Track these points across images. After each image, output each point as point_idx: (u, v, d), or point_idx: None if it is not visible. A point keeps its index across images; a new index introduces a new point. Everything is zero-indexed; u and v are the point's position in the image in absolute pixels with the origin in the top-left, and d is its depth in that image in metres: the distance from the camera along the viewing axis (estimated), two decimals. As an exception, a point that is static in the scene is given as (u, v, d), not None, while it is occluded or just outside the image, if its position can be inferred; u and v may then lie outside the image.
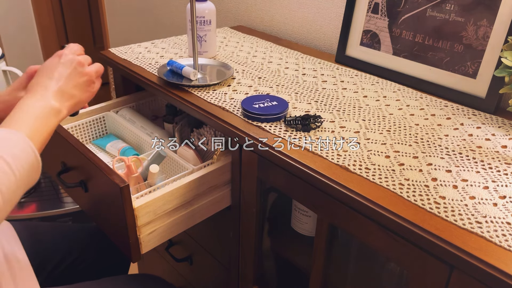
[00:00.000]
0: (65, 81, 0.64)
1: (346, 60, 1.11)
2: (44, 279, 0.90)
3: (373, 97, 0.92)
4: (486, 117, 0.85)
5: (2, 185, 0.49)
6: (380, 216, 0.59)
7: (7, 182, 0.50)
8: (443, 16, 0.93)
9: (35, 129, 0.56)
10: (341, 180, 0.64)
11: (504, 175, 0.66)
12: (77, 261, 0.96)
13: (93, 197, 0.84)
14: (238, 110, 0.85)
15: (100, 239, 1.01)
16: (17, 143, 0.53)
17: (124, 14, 2.18)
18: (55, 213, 1.69)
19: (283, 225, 0.97)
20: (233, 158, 0.85)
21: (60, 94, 0.62)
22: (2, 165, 0.49)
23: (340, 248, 0.90)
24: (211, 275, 1.12)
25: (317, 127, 0.78)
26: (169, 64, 0.99)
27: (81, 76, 0.66)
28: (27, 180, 0.53)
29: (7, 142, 0.52)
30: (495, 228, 0.55)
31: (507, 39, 0.81)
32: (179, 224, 0.84)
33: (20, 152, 0.52)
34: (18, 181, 0.51)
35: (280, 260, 1.03)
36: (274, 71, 1.04)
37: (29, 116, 0.57)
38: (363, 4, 1.06)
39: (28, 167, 0.53)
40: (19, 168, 0.51)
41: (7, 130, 0.53)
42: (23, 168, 0.52)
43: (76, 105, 0.65)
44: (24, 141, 0.53)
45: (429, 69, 0.97)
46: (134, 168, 0.87)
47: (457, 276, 0.53)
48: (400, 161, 0.69)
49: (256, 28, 1.45)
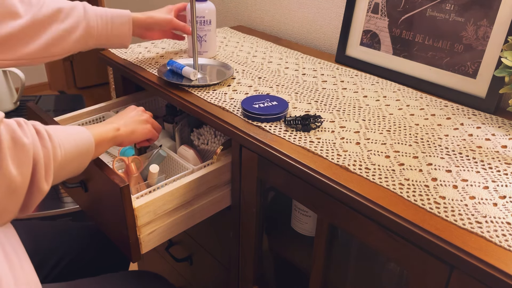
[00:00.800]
0: (129, 117, 0.85)
1: (346, 60, 1.11)
2: (44, 277, 0.90)
3: (373, 97, 0.92)
4: (486, 117, 0.85)
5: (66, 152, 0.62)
6: (380, 216, 0.59)
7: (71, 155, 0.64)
8: (443, 16, 0.93)
9: (98, 132, 0.74)
10: (341, 180, 0.64)
11: (504, 175, 0.66)
12: (77, 259, 0.96)
13: (93, 197, 0.84)
14: (238, 110, 0.85)
15: (100, 238, 1.01)
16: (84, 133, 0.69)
17: (124, 14, 2.18)
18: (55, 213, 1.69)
19: (283, 225, 0.97)
20: (233, 158, 0.85)
21: (123, 124, 0.83)
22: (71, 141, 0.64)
23: (340, 248, 0.90)
24: (211, 275, 1.12)
25: (317, 127, 0.78)
26: (169, 64, 0.99)
27: (141, 116, 0.87)
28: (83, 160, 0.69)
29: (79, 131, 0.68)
30: (495, 228, 0.55)
31: (507, 39, 0.81)
32: (179, 224, 0.84)
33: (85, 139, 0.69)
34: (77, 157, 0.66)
35: (280, 260, 1.03)
36: (274, 71, 1.04)
37: (94, 126, 0.77)
38: (363, 4, 1.06)
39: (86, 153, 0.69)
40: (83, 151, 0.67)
41: (80, 126, 0.71)
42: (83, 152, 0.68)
43: (132, 133, 0.83)
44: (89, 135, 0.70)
45: (429, 69, 0.97)
46: (134, 168, 0.87)
47: (457, 276, 0.53)
48: (400, 161, 0.69)
49: (256, 28, 1.45)
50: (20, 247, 0.72)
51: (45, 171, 0.57)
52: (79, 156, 0.66)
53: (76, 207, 1.71)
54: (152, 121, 0.89)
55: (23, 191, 0.55)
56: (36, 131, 0.57)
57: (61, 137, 0.61)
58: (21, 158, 0.53)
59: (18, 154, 0.53)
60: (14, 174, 0.52)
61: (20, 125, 0.55)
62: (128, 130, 0.82)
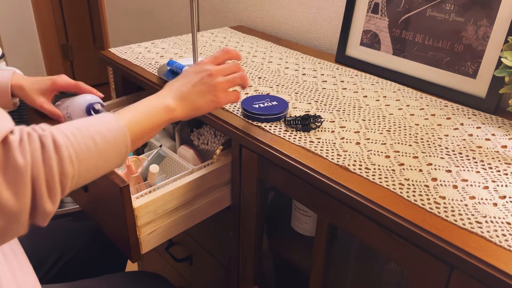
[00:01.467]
0: (189, 87, 0.69)
1: (346, 60, 1.11)
2: (43, 277, 0.90)
3: (373, 97, 0.92)
4: (486, 117, 0.85)
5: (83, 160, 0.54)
6: (380, 216, 0.59)
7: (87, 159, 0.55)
8: (443, 16, 0.93)
9: (138, 120, 0.62)
10: (341, 180, 0.64)
11: (504, 175, 0.66)
12: (76, 259, 0.96)
13: (93, 197, 0.84)
14: (238, 110, 0.85)
15: (100, 238, 1.01)
16: (115, 133, 0.58)
17: (124, 14, 2.18)
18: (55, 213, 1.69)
19: (283, 225, 0.97)
20: (233, 158, 0.85)
21: (180, 97, 0.68)
22: (90, 144, 0.55)
23: (340, 248, 0.90)
24: (211, 275, 1.12)
25: (317, 127, 0.78)
26: (169, 64, 0.99)
27: (206, 86, 0.69)
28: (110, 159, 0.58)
29: (105, 125, 0.57)
30: (495, 228, 0.55)
31: (507, 39, 0.81)
32: (179, 224, 0.84)
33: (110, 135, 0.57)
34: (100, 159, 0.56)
35: (280, 260, 1.03)
36: (274, 71, 1.04)
37: (138, 109, 0.63)
38: (363, 4, 1.06)
39: (113, 150, 0.58)
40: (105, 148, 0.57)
41: (112, 115, 0.60)
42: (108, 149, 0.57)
43: (194, 110, 0.69)
44: (118, 126, 0.59)
45: (429, 69, 0.97)
46: (134, 168, 0.87)
47: (457, 276, 0.53)
48: (400, 161, 0.69)
49: (256, 28, 1.45)
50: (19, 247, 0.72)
51: (48, 190, 0.51)
52: (106, 161, 0.58)
53: (76, 207, 1.71)
54: (217, 83, 0.70)
55: (23, 214, 0.50)
56: (41, 144, 0.51)
57: (76, 144, 0.53)
58: (15, 180, 0.48)
59: (11, 177, 0.48)
60: (8, 198, 0.48)
61: (21, 140, 0.50)
62: (188, 108, 0.68)
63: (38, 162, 0.50)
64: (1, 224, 0.49)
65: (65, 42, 3.11)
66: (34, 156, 0.50)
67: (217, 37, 1.30)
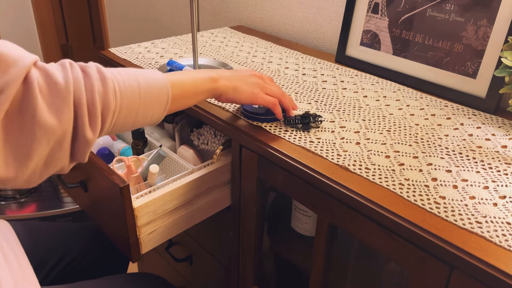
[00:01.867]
0: (235, 74, 0.74)
1: (346, 60, 1.11)
2: (43, 278, 0.90)
3: (373, 97, 0.92)
4: (486, 117, 0.85)
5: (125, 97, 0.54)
6: (380, 216, 0.59)
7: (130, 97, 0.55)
8: (443, 16, 0.93)
9: (182, 83, 0.64)
10: (341, 180, 0.64)
11: (504, 175, 0.66)
12: (76, 260, 0.96)
13: (93, 197, 0.84)
14: (238, 110, 0.85)
15: (100, 238, 1.01)
16: (158, 82, 0.60)
17: (124, 14, 2.18)
18: (55, 213, 1.69)
19: (283, 225, 0.97)
20: (233, 158, 0.85)
21: (224, 76, 0.71)
22: (133, 84, 0.56)
23: (340, 248, 0.90)
24: (211, 275, 1.12)
25: (317, 126, 0.78)
26: (169, 64, 0.99)
27: (253, 79, 0.74)
28: (150, 105, 0.59)
29: (150, 74, 0.59)
30: (495, 228, 0.55)
31: (507, 39, 0.81)
32: (179, 224, 0.84)
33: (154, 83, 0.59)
34: (141, 102, 0.57)
35: (280, 260, 1.03)
36: (274, 71, 1.04)
37: (183, 73, 0.67)
38: (363, 4, 1.06)
39: (156, 97, 0.59)
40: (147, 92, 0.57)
41: (158, 72, 0.61)
42: (151, 93, 0.58)
43: (235, 90, 0.72)
44: (165, 82, 0.60)
45: (429, 69, 0.97)
46: (134, 168, 0.87)
47: (457, 276, 0.53)
48: (400, 161, 0.69)
49: (256, 28, 1.45)
50: (19, 248, 0.72)
51: (90, 118, 0.51)
52: (146, 106, 0.58)
53: (76, 207, 1.71)
54: (267, 88, 0.75)
55: (67, 139, 0.50)
56: (83, 72, 0.51)
57: (121, 81, 0.54)
58: (58, 103, 0.48)
59: (54, 99, 0.48)
60: (52, 122, 0.47)
61: (62, 66, 0.50)
62: (230, 85, 0.71)
63: (81, 87, 0.50)
64: (45, 150, 0.48)
65: (65, 42, 3.11)
66: (77, 81, 0.50)
67: (217, 37, 1.30)
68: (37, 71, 0.48)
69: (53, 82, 0.48)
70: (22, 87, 0.46)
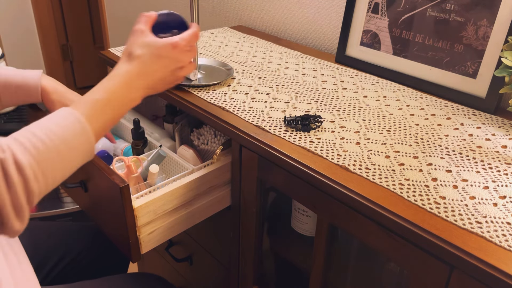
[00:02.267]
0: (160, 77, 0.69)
1: (346, 60, 1.11)
2: (43, 278, 0.90)
3: (373, 97, 0.92)
4: (486, 117, 0.85)
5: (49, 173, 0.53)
6: (380, 216, 0.59)
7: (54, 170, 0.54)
8: (443, 16, 0.93)
9: (105, 118, 0.61)
10: (341, 180, 0.64)
11: (504, 175, 0.66)
12: (76, 260, 0.96)
13: (93, 197, 0.84)
14: (238, 110, 0.85)
15: (100, 238, 1.01)
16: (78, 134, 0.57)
17: (124, 14, 2.18)
18: (55, 213, 1.69)
19: (283, 225, 0.97)
20: (233, 158, 0.85)
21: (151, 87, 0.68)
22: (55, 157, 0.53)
23: (340, 248, 0.90)
24: (211, 275, 1.12)
25: (317, 127, 0.78)
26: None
27: (174, 77, 0.72)
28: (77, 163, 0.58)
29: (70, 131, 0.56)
30: (495, 228, 0.55)
31: (507, 39, 0.81)
32: (179, 224, 0.84)
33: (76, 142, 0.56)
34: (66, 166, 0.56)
35: (280, 260, 1.03)
36: (274, 71, 1.04)
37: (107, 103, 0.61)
38: (363, 4, 1.06)
39: (81, 154, 0.58)
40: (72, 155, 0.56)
41: (76, 115, 0.57)
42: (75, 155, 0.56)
43: (156, 91, 0.70)
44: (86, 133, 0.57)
45: (429, 69, 0.97)
46: (134, 168, 0.87)
47: (457, 276, 0.53)
48: (400, 161, 0.69)
49: (256, 28, 1.45)
50: (19, 248, 0.72)
51: (16, 212, 0.50)
52: (75, 162, 0.58)
53: (76, 207, 1.71)
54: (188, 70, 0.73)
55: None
56: (3, 171, 0.49)
57: (39, 159, 0.51)
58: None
59: None
60: None
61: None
62: (154, 92, 0.70)
63: (3, 191, 0.49)
64: None
65: (65, 42, 3.11)
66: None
67: (217, 37, 1.30)
68: None
69: None
70: None
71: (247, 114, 0.83)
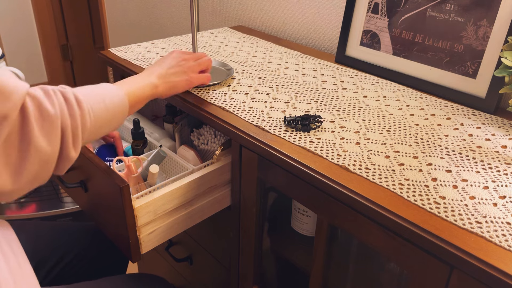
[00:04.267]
0: (167, 69, 0.82)
1: (346, 60, 1.11)
2: (43, 278, 0.90)
3: (373, 97, 0.92)
4: (486, 117, 0.85)
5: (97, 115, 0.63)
6: (380, 216, 0.59)
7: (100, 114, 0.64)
8: (443, 16, 0.93)
9: (133, 91, 0.74)
10: (341, 180, 0.64)
11: (504, 175, 0.66)
12: (77, 259, 0.96)
13: (93, 197, 0.84)
14: (238, 110, 0.85)
15: (100, 238, 1.01)
16: (115, 93, 0.69)
17: (124, 14, 2.18)
18: (55, 213, 1.69)
19: (283, 225, 0.97)
20: (233, 158, 0.85)
21: (161, 76, 0.80)
22: (101, 103, 0.65)
23: (340, 248, 0.90)
24: (211, 275, 1.12)
25: (317, 127, 0.78)
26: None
27: (180, 67, 0.84)
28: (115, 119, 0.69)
29: (111, 92, 0.69)
30: (495, 228, 0.55)
31: (507, 39, 0.81)
32: (179, 224, 0.84)
33: (117, 99, 0.69)
34: (109, 116, 0.67)
35: (280, 260, 1.03)
36: (274, 71, 1.04)
37: (132, 82, 0.76)
38: (363, 4, 1.06)
39: (118, 110, 0.69)
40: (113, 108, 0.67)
41: (115, 86, 0.71)
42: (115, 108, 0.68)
43: (172, 88, 0.82)
44: (120, 92, 0.70)
45: (429, 69, 0.97)
46: (134, 168, 0.87)
47: (457, 276, 0.53)
48: (400, 161, 0.69)
49: (256, 28, 1.45)
50: (19, 248, 0.72)
51: (73, 140, 0.59)
52: (112, 119, 0.68)
53: (76, 207, 1.71)
54: (190, 66, 0.86)
55: (54, 159, 0.57)
56: (64, 98, 0.58)
57: (91, 102, 0.62)
58: (49, 129, 0.55)
59: (46, 125, 0.55)
60: (44, 145, 0.55)
61: (47, 94, 0.56)
62: (168, 86, 0.81)
63: (65, 114, 0.57)
64: (36, 168, 0.56)
65: (65, 42, 3.11)
66: (62, 108, 0.57)
67: (217, 37, 1.30)
68: (30, 100, 0.55)
69: (44, 109, 0.55)
70: (19, 115, 0.53)
71: (247, 114, 0.83)
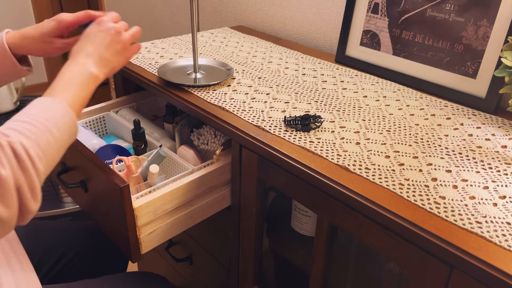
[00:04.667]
0: (104, 49, 0.70)
1: (346, 60, 1.11)
2: (43, 277, 0.90)
3: (373, 97, 0.92)
4: (486, 117, 0.85)
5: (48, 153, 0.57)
6: (380, 216, 0.59)
7: (51, 150, 0.58)
8: (443, 16, 0.93)
9: (76, 96, 0.64)
10: (341, 180, 0.64)
11: (504, 175, 0.66)
12: (77, 259, 0.96)
13: (93, 197, 0.84)
14: (238, 110, 0.85)
15: (100, 238, 1.01)
16: (60, 113, 0.60)
17: (124, 14, 2.18)
18: (55, 213, 1.69)
19: (283, 225, 0.97)
20: (233, 158, 0.85)
21: (100, 61, 0.69)
22: (49, 137, 0.57)
23: (340, 248, 0.90)
24: (211, 275, 1.12)
25: (317, 127, 0.78)
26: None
27: (118, 43, 0.72)
28: (67, 143, 0.62)
29: (55, 114, 0.59)
30: (495, 228, 0.55)
31: (507, 39, 0.81)
32: (179, 224, 0.84)
33: (62, 121, 0.60)
34: (59, 146, 0.60)
35: (280, 260, 1.03)
36: (274, 71, 1.04)
37: (70, 84, 0.65)
38: (363, 4, 1.06)
39: (68, 133, 0.61)
40: (61, 135, 0.59)
41: (54, 100, 0.61)
42: (64, 134, 0.60)
43: (112, 70, 0.72)
44: (66, 110, 0.61)
45: (429, 69, 0.97)
46: (134, 168, 0.87)
47: (457, 276, 0.53)
48: (400, 161, 0.69)
49: (256, 28, 1.45)
50: (20, 247, 0.72)
51: (31, 193, 0.54)
52: (63, 145, 0.61)
53: (76, 207, 1.71)
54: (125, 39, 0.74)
55: (13, 219, 0.53)
56: (14, 154, 0.52)
57: (40, 142, 0.56)
58: (3, 192, 0.51)
59: (1, 192, 0.50)
60: (1, 212, 0.51)
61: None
62: (108, 71, 0.71)
63: (18, 172, 0.52)
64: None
65: (65, 42, 3.11)
66: (12, 166, 0.52)
67: (217, 37, 1.30)
68: None
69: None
70: None
71: (247, 114, 0.83)
